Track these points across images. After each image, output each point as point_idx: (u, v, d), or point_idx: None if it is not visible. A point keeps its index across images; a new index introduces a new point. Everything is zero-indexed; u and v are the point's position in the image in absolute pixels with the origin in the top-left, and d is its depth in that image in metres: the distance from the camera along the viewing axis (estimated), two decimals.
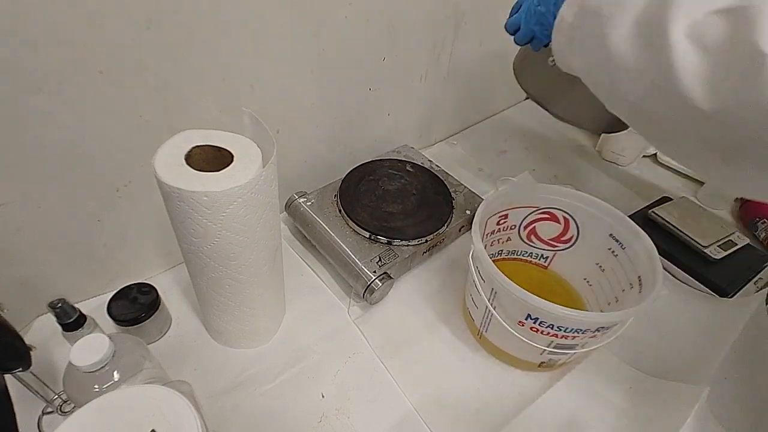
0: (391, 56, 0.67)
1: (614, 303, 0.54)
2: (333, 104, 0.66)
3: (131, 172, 0.50)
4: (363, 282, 0.56)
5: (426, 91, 0.79)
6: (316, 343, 0.55)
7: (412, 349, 0.56)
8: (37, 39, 0.37)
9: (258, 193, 0.39)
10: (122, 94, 0.45)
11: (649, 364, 0.55)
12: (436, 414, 0.50)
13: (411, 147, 0.79)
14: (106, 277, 0.56)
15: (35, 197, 0.45)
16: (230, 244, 0.40)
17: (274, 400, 0.50)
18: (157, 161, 0.37)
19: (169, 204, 0.38)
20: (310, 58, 0.58)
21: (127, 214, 0.53)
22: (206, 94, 0.51)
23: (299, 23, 0.54)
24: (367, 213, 0.63)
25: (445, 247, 0.68)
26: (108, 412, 0.30)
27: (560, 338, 0.46)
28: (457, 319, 0.60)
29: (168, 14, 0.43)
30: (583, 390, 0.53)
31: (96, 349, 0.35)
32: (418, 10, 0.65)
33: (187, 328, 0.56)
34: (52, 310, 0.42)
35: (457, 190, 0.71)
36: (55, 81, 0.40)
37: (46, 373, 0.47)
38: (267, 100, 0.57)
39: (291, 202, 0.66)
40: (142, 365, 0.39)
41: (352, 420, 0.49)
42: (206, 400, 0.49)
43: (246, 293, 0.47)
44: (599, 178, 0.86)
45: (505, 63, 0.69)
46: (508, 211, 0.58)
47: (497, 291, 0.47)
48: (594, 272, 0.57)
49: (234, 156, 0.39)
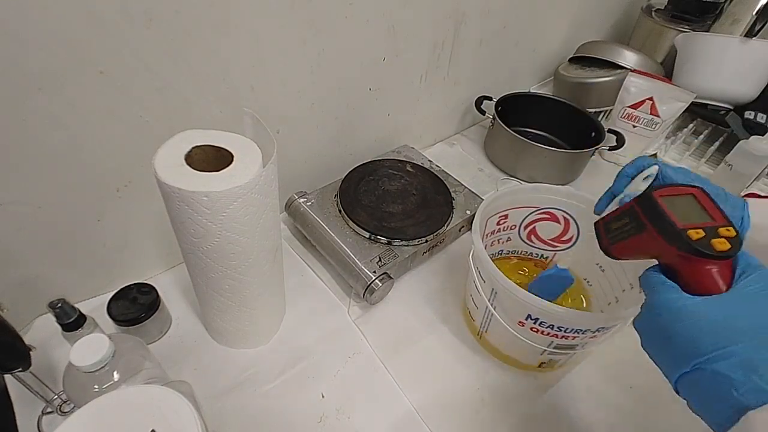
0: (391, 56, 0.67)
1: (614, 303, 0.54)
2: (333, 104, 0.66)
3: (131, 172, 0.50)
4: (363, 282, 0.56)
5: (426, 91, 0.79)
6: (316, 343, 0.55)
7: (412, 349, 0.56)
8: (37, 39, 0.37)
9: (258, 193, 0.39)
10: (122, 94, 0.44)
11: (649, 364, 0.55)
12: (436, 414, 0.50)
13: (411, 147, 0.79)
14: (106, 277, 0.56)
15: (35, 197, 0.45)
16: (230, 244, 0.40)
17: (274, 400, 0.50)
18: (157, 161, 0.37)
19: (169, 204, 0.38)
20: (310, 58, 0.58)
21: (127, 214, 0.53)
22: (206, 94, 0.51)
23: (299, 23, 0.54)
24: (367, 213, 0.63)
25: (445, 247, 0.68)
26: (108, 412, 0.30)
27: (560, 338, 0.46)
28: (457, 319, 0.60)
29: (168, 14, 0.43)
30: (583, 390, 0.53)
31: (96, 349, 0.35)
32: (418, 11, 0.65)
33: (187, 328, 0.56)
34: (52, 310, 0.42)
35: (457, 190, 0.71)
36: (55, 81, 0.40)
37: (46, 373, 0.48)
38: (267, 100, 0.57)
39: (291, 202, 0.66)
40: (142, 365, 0.39)
41: (352, 420, 0.49)
42: (206, 400, 0.49)
43: (246, 293, 0.47)
44: (599, 178, 0.86)
45: (505, 63, 0.70)
46: (508, 211, 0.58)
47: (497, 291, 0.47)
48: (594, 272, 0.57)
49: (234, 156, 0.39)
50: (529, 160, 0.80)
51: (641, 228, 0.35)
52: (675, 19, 1.00)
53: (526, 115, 0.89)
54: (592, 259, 0.57)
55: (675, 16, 1.01)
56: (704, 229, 0.32)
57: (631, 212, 0.36)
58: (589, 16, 1.04)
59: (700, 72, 0.88)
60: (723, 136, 0.94)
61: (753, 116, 0.86)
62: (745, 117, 0.87)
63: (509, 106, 0.84)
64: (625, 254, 0.38)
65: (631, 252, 0.37)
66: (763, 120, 0.85)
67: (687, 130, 0.95)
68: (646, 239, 0.34)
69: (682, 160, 0.90)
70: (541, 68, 1.04)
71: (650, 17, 1.03)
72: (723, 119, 0.90)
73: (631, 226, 0.36)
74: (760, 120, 0.86)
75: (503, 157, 0.85)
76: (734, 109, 0.89)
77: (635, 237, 0.35)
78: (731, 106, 0.89)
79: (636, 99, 0.84)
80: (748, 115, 0.87)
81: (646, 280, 0.34)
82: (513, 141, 0.79)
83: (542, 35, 0.96)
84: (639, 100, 0.84)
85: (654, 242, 0.34)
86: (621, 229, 0.37)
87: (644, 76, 0.84)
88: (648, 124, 0.84)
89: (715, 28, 0.95)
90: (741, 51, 0.84)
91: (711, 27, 0.96)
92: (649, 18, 1.03)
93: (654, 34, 1.03)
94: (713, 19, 0.97)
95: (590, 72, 0.95)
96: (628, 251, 0.38)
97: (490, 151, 0.88)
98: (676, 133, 0.95)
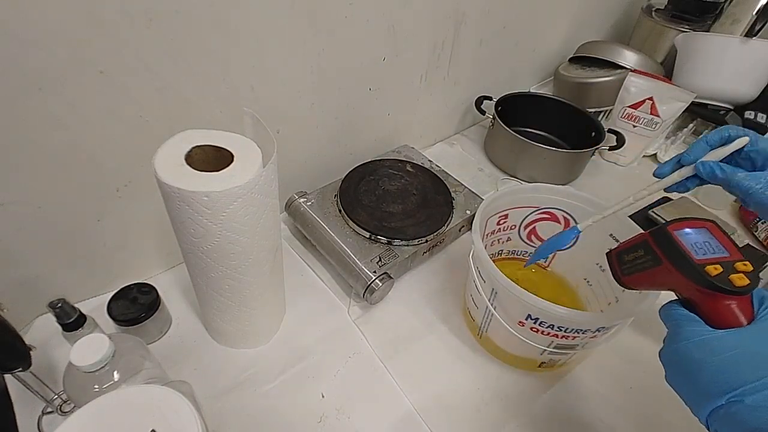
0: (391, 56, 0.67)
1: (614, 303, 0.54)
2: (333, 104, 0.66)
3: (131, 172, 0.50)
4: (363, 282, 0.56)
5: (426, 91, 0.79)
6: (316, 343, 0.55)
7: (412, 349, 0.56)
8: (37, 39, 0.37)
9: (258, 193, 0.39)
10: (122, 94, 0.44)
11: (649, 364, 0.55)
12: (436, 414, 0.50)
13: (411, 147, 0.79)
14: (106, 277, 0.56)
15: (35, 197, 0.45)
16: (230, 244, 0.40)
17: (274, 400, 0.50)
18: (157, 161, 0.37)
19: (169, 204, 0.38)
20: (310, 58, 0.58)
21: (127, 214, 0.53)
22: (206, 94, 0.51)
23: (299, 23, 0.54)
24: (367, 213, 0.63)
25: (445, 247, 0.68)
26: (108, 412, 0.30)
27: (560, 338, 0.46)
28: (457, 319, 0.60)
29: (168, 14, 0.43)
30: (583, 390, 0.53)
31: (96, 349, 0.35)
32: (418, 11, 0.65)
33: (187, 328, 0.56)
34: (52, 310, 0.42)
35: (457, 190, 0.71)
36: (55, 81, 0.40)
37: (46, 373, 0.48)
38: (267, 100, 0.57)
39: (291, 202, 0.66)
40: (142, 365, 0.39)
41: (352, 420, 0.49)
42: (206, 400, 0.49)
43: (246, 293, 0.47)
44: (599, 178, 0.86)
45: (505, 63, 0.70)
46: (508, 211, 0.58)
47: (497, 291, 0.47)
48: (594, 272, 0.57)
49: (234, 156, 0.39)
50: (529, 160, 0.80)
51: (657, 262, 0.35)
52: (675, 19, 1.00)
53: (526, 115, 0.89)
54: (592, 259, 0.57)
55: (675, 16, 1.01)
56: (721, 264, 0.32)
57: (644, 245, 0.36)
58: (589, 16, 1.04)
59: (700, 72, 0.88)
60: None
61: (753, 116, 0.86)
62: (745, 117, 0.87)
63: (509, 106, 0.85)
64: (640, 286, 0.38)
65: (646, 284, 0.38)
66: (763, 120, 0.85)
67: (687, 130, 0.95)
68: (662, 273, 0.34)
69: None
70: (541, 68, 1.04)
71: (650, 17, 1.03)
72: (723, 119, 0.90)
73: (645, 259, 0.36)
74: (760, 120, 0.86)
75: (503, 157, 0.85)
76: (734, 109, 0.89)
77: (651, 270, 0.36)
78: (731, 106, 0.89)
79: (636, 99, 0.84)
80: (748, 115, 0.87)
81: (668, 313, 0.34)
82: (513, 141, 0.79)
83: (542, 35, 0.96)
84: (639, 100, 0.84)
85: (670, 276, 0.34)
86: (634, 262, 0.37)
87: (644, 76, 0.84)
88: (648, 124, 0.84)
89: (715, 28, 0.95)
90: (741, 51, 0.84)
91: (711, 27, 0.96)
92: (649, 18, 1.03)
93: (654, 34, 1.03)
94: (713, 19, 0.97)
95: (590, 72, 0.95)
96: (643, 283, 0.38)
97: (490, 151, 0.88)
98: (676, 133, 0.95)
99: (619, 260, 0.39)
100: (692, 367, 0.30)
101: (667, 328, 0.34)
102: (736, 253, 0.33)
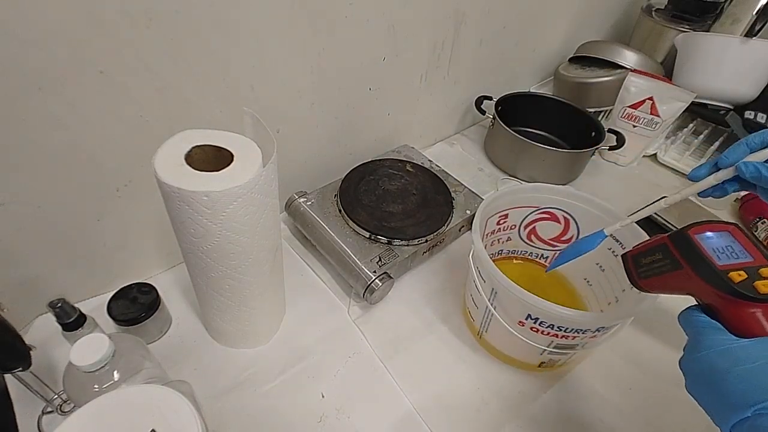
0: (391, 56, 0.67)
1: (614, 303, 0.54)
2: (333, 104, 0.66)
3: (131, 172, 0.50)
4: (363, 282, 0.56)
5: (426, 91, 0.79)
6: (316, 343, 0.55)
7: (412, 349, 0.56)
8: (37, 39, 0.37)
9: (258, 193, 0.39)
10: (122, 94, 0.44)
11: (649, 364, 0.55)
12: (436, 414, 0.50)
13: (411, 147, 0.79)
14: (106, 277, 0.56)
15: (35, 197, 0.45)
16: (230, 244, 0.40)
17: (274, 400, 0.50)
18: (157, 161, 0.37)
19: (169, 204, 0.38)
20: (310, 58, 0.58)
21: (127, 214, 0.53)
22: (206, 94, 0.51)
23: (299, 23, 0.54)
24: (367, 213, 0.63)
25: (445, 247, 0.68)
26: (108, 412, 0.30)
27: (560, 338, 0.46)
28: (457, 319, 0.60)
29: (168, 14, 0.43)
30: (583, 390, 0.53)
31: (96, 349, 0.35)
32: (418, 10, 0.65)
33: (187, 328, 0.56)
34: (52, 310, 0.42)
35: (457, 190, 0.71)
36: (55, 81, 0.40)
37: (46, 373, 0.48)
38: (267, 100, 0.57)
39: (291, 202, 0.66)
40: (142, 365, 0.39)
41: (352, 420, 0.49)
42: (206, 400, 0.49)
43: (246, 293, 0.47)
44: (599, 178, 0.86)
45: (505, 63, 0.70)
46: (508, 211, 0.58)
47: (497, 291, 0.47)
48: (594, 272, 0.57)
49: (234, 156, 0.39)
50: (529, 160, 0.81)
51: (676, 266, 0.34)
52: (675, 18, 1.00)
53: (526, 115, 0.89)
54: (592, 259, 0.57)
55: (675, 16, 1.01)
56: (745, 269, 0.30)
57: (663, 249, 0.35)
58: (589, 16, 1.04)
59: (700, 72, 0.88)
60: (723, 136, 0.94)
61: (753, 116, 0.86)
62: (745, 117, 0.87)
63: (509, 106, 0.85)
64: (657, 290, 0.37)
65: (663, 288, 0.36)
66: (763, 120, 0.85)
67: (687, 130, 0.95)
68: (681, 277, 0.33)
69: (681, 160, 0.89)
70: (541, 68, 1.04)
71: (650, 17, 1.03)
72: (723, 119, 0.90)
73: (664, 263, 0.35)
74: (760, 120, 0.85)
75: (503, 157, 0.85)
76: (734, 109, 0.89)
77: (669, 274, 0.34)
78: (731, 106, 0.89)
79: (636, 99, 0.84)
80: (748, 115, 0.87)
81: (688, 320, 0.33)
82: (513, 141, 0.79)
83: (542, 35, 0.96)
84: (639, 100, 0.84)
85: (690, 281, 0.32)
86: (652, 265, 0.36)
87: (644, 76, 0.84)
88: (648, 124, 0.84)
89: (715, 28, 0.95)
90: (741, 51, 0.84)
91: (711, 27, 0.96)
92: (649, 18, 1.03)
93: (654, 34, 1.03)
94: (713, 19, 0.97)
95: (590, 72, 0.95)
96: (661, 287, 0.36)
97: (490, 151, 0.89)
98: (676, 133, 0.95)
99: (635, 263, 0.38)
100: (716, 377, 0.29)
101: (686, 334, 0.33)
102: (761, 258, 0.31)
